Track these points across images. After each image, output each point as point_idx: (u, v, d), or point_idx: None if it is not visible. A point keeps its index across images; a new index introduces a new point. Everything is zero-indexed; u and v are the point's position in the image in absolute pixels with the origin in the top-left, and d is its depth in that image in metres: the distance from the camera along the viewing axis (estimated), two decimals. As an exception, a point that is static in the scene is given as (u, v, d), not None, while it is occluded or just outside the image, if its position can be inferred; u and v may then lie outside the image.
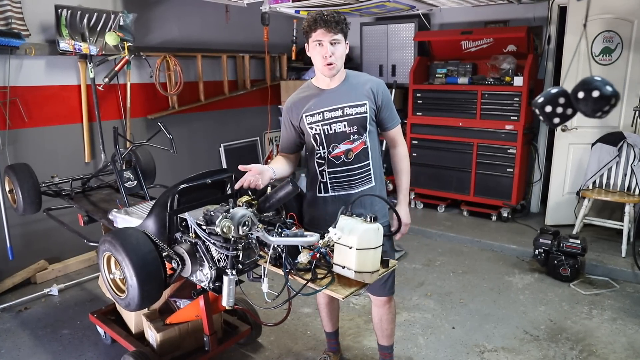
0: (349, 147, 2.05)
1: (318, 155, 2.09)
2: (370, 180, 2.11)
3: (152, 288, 1.69)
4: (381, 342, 2.42)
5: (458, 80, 4.75)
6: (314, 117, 2.04)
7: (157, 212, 1.88)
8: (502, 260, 4.03)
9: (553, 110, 1.62)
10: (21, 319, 3.16)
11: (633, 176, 3.89)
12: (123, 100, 4.12)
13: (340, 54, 1.95)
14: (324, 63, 1.95)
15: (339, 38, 1.93)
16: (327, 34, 1.89)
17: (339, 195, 2.09)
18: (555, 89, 1.65)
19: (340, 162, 2.06)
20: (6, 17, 3.22)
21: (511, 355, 2.72)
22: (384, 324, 2.34)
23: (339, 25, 1.91)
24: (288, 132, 2.15)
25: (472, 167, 4.75)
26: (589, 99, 1.49)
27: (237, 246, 1.64)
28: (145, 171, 2.93)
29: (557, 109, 1.61)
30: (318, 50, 1.93)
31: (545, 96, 1.65)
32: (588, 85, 1.50)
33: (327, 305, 2.48)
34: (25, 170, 2.71)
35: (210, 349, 2.35)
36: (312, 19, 1.90)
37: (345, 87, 2.05)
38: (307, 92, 2.10)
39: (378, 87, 2.07)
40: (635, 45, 3.92)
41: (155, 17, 4.30)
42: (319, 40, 1.91)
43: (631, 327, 2.98)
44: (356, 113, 2.03)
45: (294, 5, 4.22)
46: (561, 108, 1.60)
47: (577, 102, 1.53)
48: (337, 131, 2.03)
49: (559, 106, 1.60)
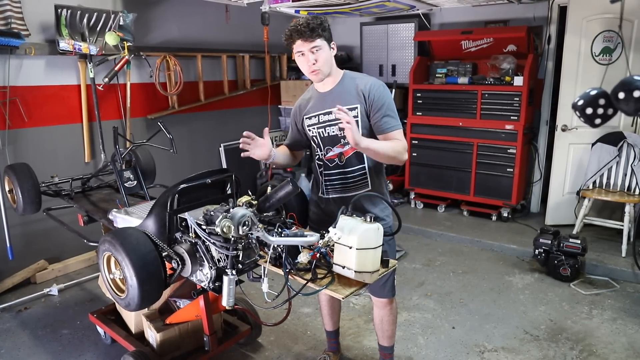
0: (340, 150, 2.06)
1: (317, 157, 2.14)
2: (366, 185, 2.09)
3: (152, 288, 1.69)
4: (382, 343, 2.42)
5: (458, 80, 4.75)
6: (311, 120, 2.09)
7: (157, 212, 1.88)
8: (502, 260, 4.03)
9: (594, 112, 1.63)
10: (21, 319, 3.16)
11: (633, 176, 3.89)
12: (123, 100, 4.12)
13: (323, 59, 1.94)
14: (309, 71, 1.97)
15: (318, 44, 1.91)
16: (304, 43, 1.90)
17: (333, 198, 2.12)
18: (594, 90, 1.67)
19: (334, 165, 2.09)
20: (6, 17, 3.22)
21: (511, 355, 2.72)
22: (384, 325, 2.34)
23: (314, 32, 1.89)
24: (294, 132, 2.22)
25: (472, 167, 4.75)
26: (630, 99, 1.52)
27: (237, 246, 1.64)
28: (145, 171, 2.93)
29: (597, 110, 1.63)
30: (301, 60, 1.96)
31: (584, 98, 1.66)
32: (629, 86, 1.53)
33: (329, 303, 2.49)
34: (25, 170, 2.71)
35: (210, 349, 2.35)
36: (288, 33, 1.93)
37: (339, 90, 2.03)
38: (309, 95, 2.16)
39: (371, 89, 1.98)
40: (636, 44, 3.92)
41: (155, 17, 4.30)
42: (299, 52, 1.94)
43: (631, 327, 2.98)
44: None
45: (294, 5, 4.22)
46: (602, 109, 1.62)
47: (618, 103, 1.55)
48: (331, 134, 2.05)
49: (599, 107, 1.62)
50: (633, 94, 1.49)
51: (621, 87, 1.52)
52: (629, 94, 1.50)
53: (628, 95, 1.50)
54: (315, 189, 2.22)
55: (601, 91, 1.62)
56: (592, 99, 1.61)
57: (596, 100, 1.60)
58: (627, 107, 1.53)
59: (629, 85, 1.50)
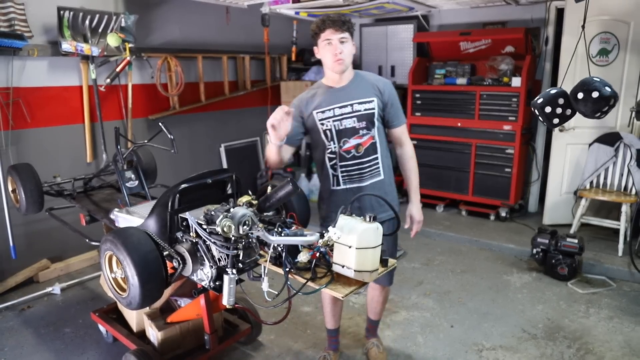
0: (358, 141, 2.18)
1: (329, 150, 2.21)
2: (379, 173, 2.25)
3: (153, 287, 1.70)
4: (369, 316, 2.68)
5: (457, 81, 4.77)
6: (325, 114, 2.16)
7: (158, 212, 1.90)
8: (501, 259, 4.06)
9: (553, 111, 1.63)
10: (24, 318, 3.19)
11: (629, 176, 3.92)
12: (124, 100, 4.15)
13: (348, 51, 2.08)
14: (334, 59, 2.07)
15: (346, 37, 2.06)
16: (335, 32, 2.03)
17: (350, 188, 2.22)
18: (554, 90, 1.66)
19: (350, 156, 2.19)
20: (9, 19, 3.25)
21: (509, 353, 2.74)
22: (374, 303, 2.59)
23: (345, 25, 2.04)
24: (294, 126, 2.18)
25: (470, 167, 4.78)
26: (588, 100, 1.51)
27: (238, 245, 1.66)
28: (147, 171, 2.94)
29: (556, 110, 1.63)
30: (328, 48, 2.06)
31: (544, 97, 1.66)
32: (587, 86, 1.51)
33: (332, 301, 2.51)
34: (27, 170, 2.72)
35: (210, 347, 2.37)
36: (320, 21, 2.05)
37: (354, 85, 2.18)
38: (314, 92, 2.22)
39: (385, 86, 2.20)
40: (632, 46, 3.95)
41: (157, 19, 4.32)
42: (328, 40, 2.05)
43: (628, 325, 3.01)
44: (365, 109, 2.15)
45: (294, 7, 4.25)
46: (560, 109, 1.62)
47: (577, 103, 1.54)
48: (347, 127, 2.16)
49: (558, 107, 1.62)
50: (591, 95, 1.48)
51: (580, 88, 1.52)
52: (588, 94, 1.49)
53: (586, 95, 1.50)
54: (327, 184, 2.27)
55: (561, 91, 1.62)
56: (552, 97, 1.62)
57: (555, 99, 1.60)
58: (584, 108, 1.53)
59: (587, 85, 1.50)
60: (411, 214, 2.33)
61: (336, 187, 2.23)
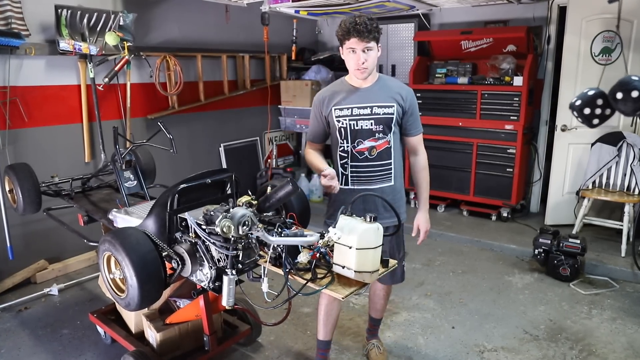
0: (373, 144, 2.18)
1: (341, 149, 2.21)
2: (389, 179, 2.24)
3: (152, 288, 1.69)
4: (371, 314, 2.64)
5: (458, 80, 4.75)
6: (342, 111, 2.16)
7: (157, 212, 1.89)
8: (502, 260, 4.04)
9: (592, 112, 1.62)
10: (21, 319, 3.17)
11: (632, 176, 3.89)
12: (123, 100, 4.12)
13: (372, 59, 2.07)
14: (356, 67, 2.07)
15: (371, 45, 2.04)
16: (360, 42, 2.02)
17: (357, 189, 2.20)
18: (592, 91, 1.64)
19: (363, 158, 2.19)
20: (6, 17, 3.22)
21: (511, 354, 2.72)
22: (376, 297, 2.55)
23: (371, 34, 2.01)
24: (318, 123, 2.27)
25: (471, 167, 4.76)
26: (628, 99, 1.50)
27: (237, 246, 1.65)
28: (145, 171, 2.92)
29: (595, 110, 1.62)
30: (351, 57, 2.07)
31: (582, 98, 1.64)
32: (626, 86, 1.50)
33: (325, 309, 2.40)
34: (25, 170, 2.71)
35: (210, 348, 2.35)
36: (345, 28, 2.01)
37: (377, 88, 2.18)
38: (340, 88, 2.21)
39: (407, 94, 2.20)
40: (635, 45, 3.93)
41: (155, 17, 4.30)
42: (352, 48, 2.04)
43: (630, 326, 2.99)
44: (384, 113, 2.15)
45: (294, 5, 4.23)
46: (600, 109, 1.61)
47: (616, 103, 1.53)
48: (364, 128, 2.16)
49: (597, 107, 1.61)
50: (631, 94, 1.47)
51: (619, 87, 1.51)
52: (627, 94, 1.48)
53: (626, 95, 1.49)
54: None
55: (599, 91, 1.61)
56: (590, 99, 1.60)
57: (594, 100, 1.59)
58: (624, 107, 1.51)
59: (626, 85, 1.49)
60: (418, 224, 2.34)
61: (343, 186, 2.22)
